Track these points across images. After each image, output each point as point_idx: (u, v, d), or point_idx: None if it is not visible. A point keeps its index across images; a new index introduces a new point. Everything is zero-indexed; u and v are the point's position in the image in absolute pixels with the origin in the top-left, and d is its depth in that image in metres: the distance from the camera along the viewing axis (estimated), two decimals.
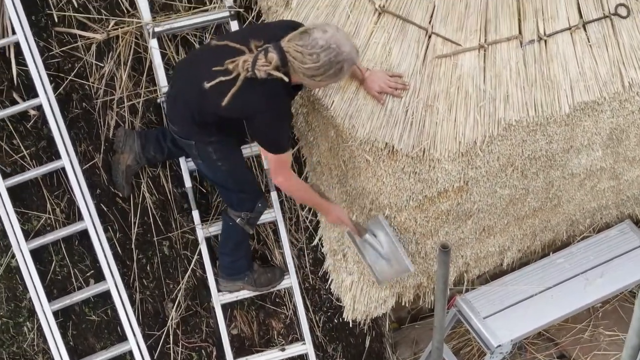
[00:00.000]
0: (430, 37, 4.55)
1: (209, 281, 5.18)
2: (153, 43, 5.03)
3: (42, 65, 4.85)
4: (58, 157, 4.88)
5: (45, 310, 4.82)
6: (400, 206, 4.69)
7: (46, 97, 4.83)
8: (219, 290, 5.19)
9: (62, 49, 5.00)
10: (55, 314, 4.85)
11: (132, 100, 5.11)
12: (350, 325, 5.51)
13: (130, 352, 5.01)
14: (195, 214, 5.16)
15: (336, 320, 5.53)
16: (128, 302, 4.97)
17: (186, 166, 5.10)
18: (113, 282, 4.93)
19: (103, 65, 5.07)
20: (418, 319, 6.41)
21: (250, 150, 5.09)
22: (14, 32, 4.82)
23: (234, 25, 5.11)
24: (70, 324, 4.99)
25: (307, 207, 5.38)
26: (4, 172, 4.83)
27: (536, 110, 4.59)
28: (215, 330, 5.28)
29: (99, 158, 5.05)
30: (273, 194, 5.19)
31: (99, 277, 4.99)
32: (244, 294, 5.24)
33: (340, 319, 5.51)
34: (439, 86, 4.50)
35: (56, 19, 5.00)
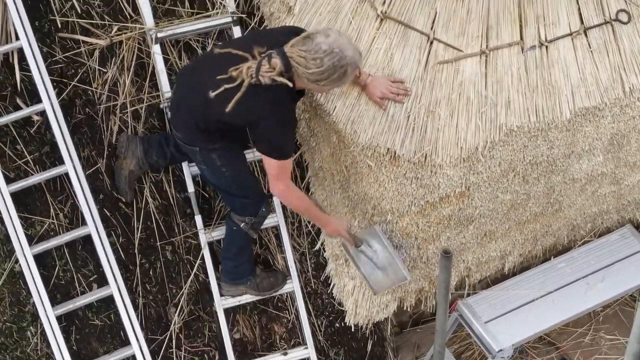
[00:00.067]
0: (432, 43, 4.55)
1: (212, 286, 5.18)
2: (156, 49, 5.04)
3: (46, 70, 4.86)
4: (61, 163, 4.89)
5: (48, 314, 4.83)
6: (402, 211, 4.69)
7: (49, 103, 4.84)
8: (222, 294, 5.20)
9: (66, 55, 5.01)
10: (58, 319, 4.86)
11: (135, 105, 5.11)
12: (352, 329, 5.51)
13: (133, 357, 5.01)
14: (197, 219, 5.16)
15: (338, 324, 5.53)
16: (131, 307, 4.98)
17: (189, 171, 5.10)
18: (116, 287, 4.94)
19: (106, 70, 5.07)
20: (420, 323, 6.40)
21: (252, 155, 5.09)
22: (18, 38, 4.83)
23: (237, 30, 5.11)
24: (73, 329, 5.00)
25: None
26: (8, 178, 4.84)
27: (537, 115, 4.58)
28: (217, 334, 5.28)
29: (102, 163, 5.06)
30: (276, 199, 5.20)
31: (102, 282, 5.00)
32: (247, 299, 5.25)
33: (342, 323, 5.50)
34: (441, 92, 4.50)
35: (59, 25, 5.00)
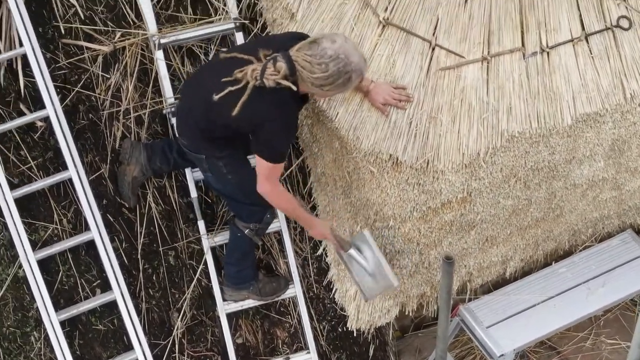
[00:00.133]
0: (433, 50, 4.55)
1: (214, 290, 5.19)
2: (159, 54, 5.05)
3: (49, 76, 4.88)
4: (65, 168, 4.90)
5: (52, 320, 4.84)
6: (404, 217, 4.69)
7: (53, 109, 4.85)
8: (224, 299, 5.20)
9: (69, 61, 5.02)
10: (62, 324, 4.87)
11: (138, 111, 5.12)
12: (354, 334, 5.51)
13: None
14: (200, 224, 5.17)
15: (340, 329, 5.54)
16: (134, 312, 4.98)
17: (192, 176, 5.11)
18: (119, 292, 4.95)
19: (109, 76, 5.08)
20: (421, 327, 6.39)
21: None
22: (22, 44, 4.84)
23: (239, 36, 5.12)
24: (76, 334, 5.01)
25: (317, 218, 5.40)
26: (12, 183, 4.86)
27: (539, 121, 4.59)
28: (220, 339, 5.29)
29: (106, 169, 5.07)
30: None
31: (106, 287, 5.01)
32: (249, 303, 5.26)
33: (344, 328, 5.51)
34: (443, 98, 4.51)
35: (63, 31, 5.02)
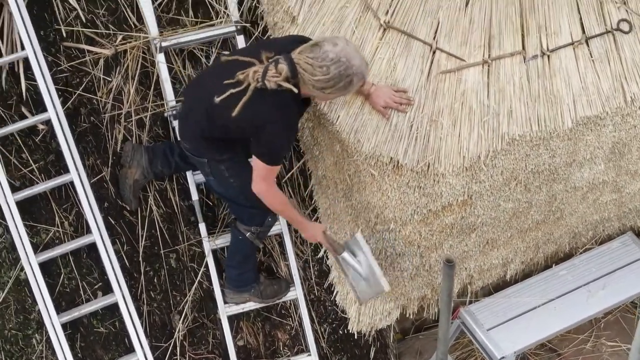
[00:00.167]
0: (434, 53, 4.55)
1: (216, 293, 5.20)
2: (160, 57, 5.07)
3: (51, 80, 4.89)
4: (66, 171, 4.91)
5: (53, 322, 4.85)
6: (405, 220, 4.70)
7: (55, 112, 4.86)
8: (225, 301, 5.21)
9: (71, 64, 5.04)
10: (63, 326, 4.88)
11: (140, 114, 5.13)
12: (355, 336, 5.53)
13: None
14: (201, 227, 5.18)
15: (341, 331, 5.54)
16: (135, 314, 5.00)
17: (193, 179, 5.13)
18: (121, 295, 4.96)
19: (111, 79, 5.10)
20: (422, 330, 6.39)
21: None
22: (23, 48, 4.85)
23: (240, 39, 5.14)
24: (78, 336, 5.02)
25: (313, 219, 5.38)
26: (13, 186, 4.87)
27: (539, 125, 4.59)
28: (221, 341, 5.30)
29: (107, 172, 5.08)
30: None
31: (107, 290, 5.02)
32: (250, 306, 5.27)
33: (345, 331, 5.52)
34: (443, 101, 4.51)
35: (64, 34, 5.03)
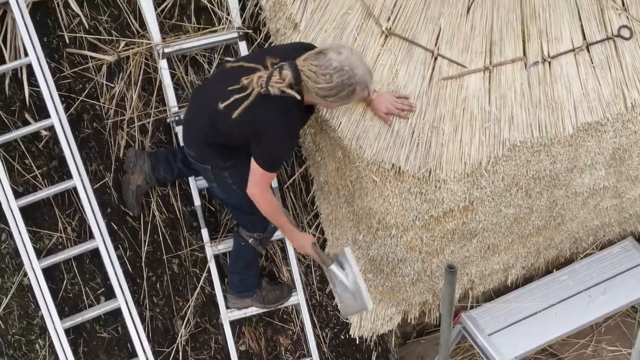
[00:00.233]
0: (436, 59, 4.57)
1: (218, 298, 5.21)
2: (163, 64, 5.08)
3: (54, 86, 4.89)
4: (69, 177, 4.91)
5: (56, 327, 4.85)
6: (406, 226, 4.71)
7: (58, 118, 4.86)
8: (228, 307, 5.23)
9: (74, 70, 5.05)
10: (66, 332, 4.88)
11: (142, 120, 5.14)
12: (356, 341, 5.53)
13: None
14: (204, 232, 5.19)
15: (343, 336, 5.55)
16: (138, 320, 4.99)
17: (195, 185, 5.14)
18: (123, 300, 4.96)
19: (113, 85, 5.10)
20: (423, 335, 6.39)
21: None
22: (27, 54, 4.86)
23: (243, 45, 5.15)
24: (81, 341, 5.02)
25: (315, 225, 5.42)
26: (17, 192, 4.87)
27: (540, 131, 4.60)
28: (223, 346, 5.31)
29: (110, 177, 5.09)
30: None
31: (110, 295, 5.03)
32: (252, 311, 5.28)
33: (346, 336, 5.53)
34: (445, 107, 4.53)
35: (67, 41, 5.04)
